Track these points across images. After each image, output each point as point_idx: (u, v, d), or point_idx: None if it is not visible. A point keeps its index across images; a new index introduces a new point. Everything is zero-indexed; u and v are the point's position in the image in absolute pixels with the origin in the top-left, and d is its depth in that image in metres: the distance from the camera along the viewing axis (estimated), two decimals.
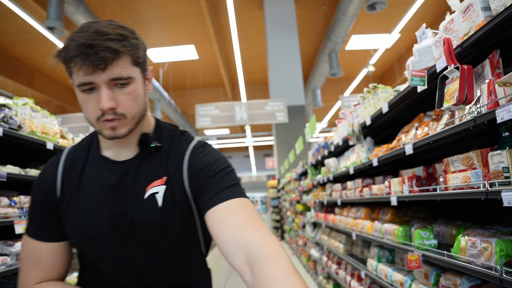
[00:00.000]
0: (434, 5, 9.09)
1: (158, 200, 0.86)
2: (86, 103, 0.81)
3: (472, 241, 1.41)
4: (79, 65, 0.75)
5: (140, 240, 0.87)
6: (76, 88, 0.80)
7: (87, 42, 0.74)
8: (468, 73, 1.33)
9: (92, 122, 0.83)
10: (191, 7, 9.19)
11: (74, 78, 0.79)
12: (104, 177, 0.89)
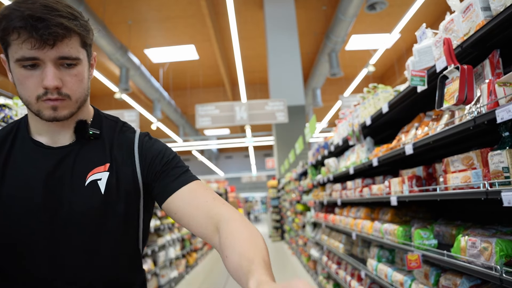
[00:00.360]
0: (434, 5, 9.09)
1: (100, 187, 0.83)
2: (25, 80, 0.75)
3: (472, 241, 1.41)
4: (24, 37, 0.70)
5: (76, 231, 0.80)
6: (14, 63, 0.74)
7: (36, 14, 0.69)
8: (468, 73, 1.34)
9: (30, 101, 0.77)
10: (191, 7, 9.19)
11: (12, 51, 0.73)
12: (38, 163, 0.82)
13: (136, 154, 0.89)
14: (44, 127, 0.85)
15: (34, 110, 0.79)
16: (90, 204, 0.81)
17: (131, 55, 9.57)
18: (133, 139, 0.92)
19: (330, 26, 9.33)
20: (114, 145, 0.89)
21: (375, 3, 6.78)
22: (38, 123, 0.84)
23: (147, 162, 0.89)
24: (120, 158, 0.88)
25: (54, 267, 0.79)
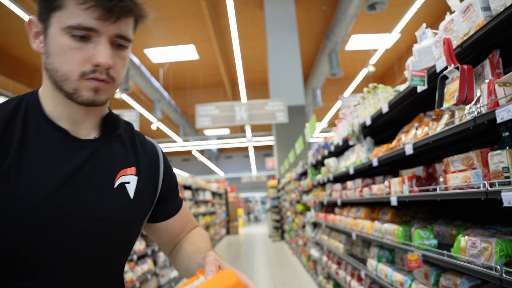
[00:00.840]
0: (434, 5, 9.09)
1: (129, 191, 0.75)
2: (71, 51, 0.65)
3: (472, 241, 1.41)
4: (90, 3, 0.63)
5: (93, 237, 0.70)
6: (60, 29, 0.64)
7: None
8: (468, 73, 1.34)
9: (69, 76, 0.66)
10: (191, 7, 9.19)
11: (64, 16, 0.64)
12: (62, 155, 0.69)
13: (161, 167, 0.86)
14: (67, 111, 0.71)
15: (70, 88, 0.67)
16: (117, 208, 0.73)
17: (131, 55, 9.57)
18: (156, 150, 0.87)
19: (330, 26, 9.33)
20: (136, 148, 0.82)
21: (375, 3, 6.78)
22: (61, 106, 0.71)
23: (167, 180, 0.89)
24: (144, 165, 0.81)
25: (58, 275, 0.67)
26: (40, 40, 0.69)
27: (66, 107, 0.71)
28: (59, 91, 0.69)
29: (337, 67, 9.79)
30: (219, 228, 12.22)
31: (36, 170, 0.65)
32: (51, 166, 0.67)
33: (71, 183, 0.68)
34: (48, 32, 0.67)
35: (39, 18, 0.68)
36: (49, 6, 0.65)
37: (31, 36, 0.70)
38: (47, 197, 0.65)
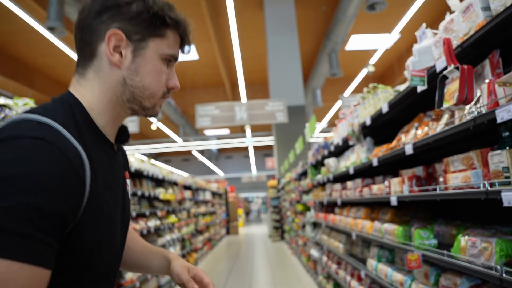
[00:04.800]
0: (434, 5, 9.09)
1: (129, 192, 0.85)
2: (161, 74, 0.75)
3: (472, 241, 1.41)
4: (179, 40, 0.78)
5: (125, 234, 0.81)
6: (159, 54, 0.74)
7: (190, 32, 0.79)
8: (468, 73, 1.34)
9: (155, 93, 0.75)
10: (191, 7, 9.19)
11: (164, 44, 0.74)
12: (114, 170, 0.74)
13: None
14: (115, 125, 0.77)
15: (150, 103, 0.76)
16: (128, 217, 0.84)
17: None
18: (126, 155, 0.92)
19: (330, 26, 9.33)
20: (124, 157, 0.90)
21: (375, 3, 6.78)
22: (113, 120, 0.75)
23: None
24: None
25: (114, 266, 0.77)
26: (123, 54, 0.72)
27: (116, 121, 0.77)
28: (129, 103, 0.74)
29: (337, 67, 9.79)
30: (219, 228, 12.22)
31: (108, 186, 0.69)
32: (113, 182, 0.73)
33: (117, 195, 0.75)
34: (142, 53, 0.73)
35: (129, 36, 0.71)
36: (151, 31, 0.73)
37: (110, 47, 0.71)
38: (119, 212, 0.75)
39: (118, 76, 0.72)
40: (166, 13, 0.73)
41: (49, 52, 10.28)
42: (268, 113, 8.37)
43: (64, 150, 0.57)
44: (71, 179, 0.57)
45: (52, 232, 0.53)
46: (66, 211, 0.56)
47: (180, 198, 6.67)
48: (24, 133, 0.55)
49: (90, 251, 0.63)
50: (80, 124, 0.66)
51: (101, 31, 0.70)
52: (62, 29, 6.39)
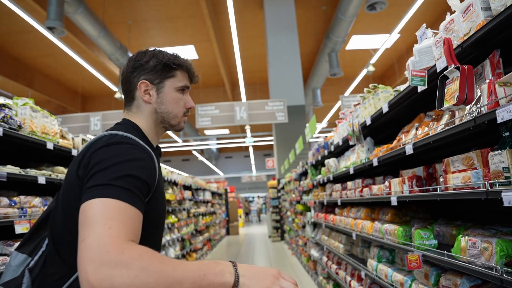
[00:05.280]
0: (434, 5, 9.10)
1: None
2: (179, 101, 1.14)
3: (473, 241, 1.41)
4: (187, 76, 1.16)
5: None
6: (173, 88, 1.12)
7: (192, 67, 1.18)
8: (468, 73, 1.33)
9: (178, 115, 1.14)
10: (191, 7, 9.19)
11: (176, 81, 1.13)
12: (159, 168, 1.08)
13: None
14: (156, 139, 1.17)
15: (176, 122, 1.15)
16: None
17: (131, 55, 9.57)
18: None
19: (330, 26, 9.33)
20: None
21: (375, 3, 6.78)
22: (155, 136, 1.15)
23: None
24: None
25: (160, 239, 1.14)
26: (151, 94, 1.11)
27: (157, 137, 1.17)
28: (162, 124, 1.14)
29: (337, 67, 9.79)
30: (219, 228, 12.21)
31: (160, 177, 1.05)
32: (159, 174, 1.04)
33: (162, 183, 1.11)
34: (163, 90, 1.11)
35: (151, 82, 1.10)
36: (165, 75, 1.11)
37: (141, 92, 1.10)
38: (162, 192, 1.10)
39: (151, 108, 1.12)
40: (172, 61, 1.11)
41: (49, 52, 10.27)
42: (268, 113, 8.37)
43: (145, 149, 0.97)
44: (153, 164, 0.97)
45: (143, 193, 0.89)
46: (150, 183, 0.93)
47: (180, 198, 6.67)
48: (121, 141, 0.94)
49: (155, 218, 1.02)
50: (140, 137, 1.03)
51: (135, 83, 1.11)
52: (62, 29, 6.39)
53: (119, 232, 0.76)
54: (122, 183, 0.84)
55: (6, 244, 2.21)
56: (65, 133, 3.03)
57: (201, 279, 0.75)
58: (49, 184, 2.65)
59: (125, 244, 0.74)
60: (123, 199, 0.82)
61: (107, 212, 0.78)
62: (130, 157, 0.90)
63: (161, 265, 0.73)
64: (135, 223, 0.82)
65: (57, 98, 12.67)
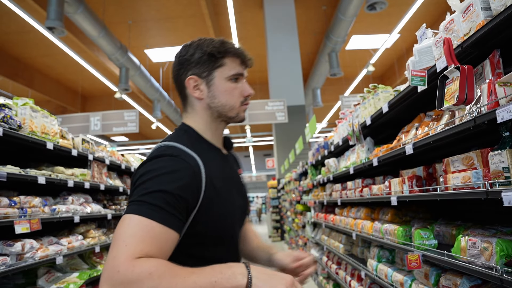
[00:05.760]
0: (434, 5, 9.09)
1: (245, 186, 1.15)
2: (233, 90, 1.04)
3: (473, 241, 1.41)
4: (238, 61, 1.05)
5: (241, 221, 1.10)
6: (224, 79, 1.03)
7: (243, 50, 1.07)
8: (468, 73, 1.33)
9: (234, 105, 1.05)
10: (191, 7, 9.19)
11: (226, 70, 1.03)
12: (224, 168, 1.04)
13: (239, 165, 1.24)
14: (217, 135, 1.09)
15: (234, 113, 1.06)
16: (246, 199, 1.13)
17: (131, 55, 9.57)
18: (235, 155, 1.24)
19: (330, 26, 9.33)
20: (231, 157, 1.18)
21: (375, 3, 6.78)
22: (215, 132, 1.08)
23: None
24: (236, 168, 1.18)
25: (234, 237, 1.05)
26: (201, 89, 1.04)
27: (217, 133, 1.09)
28: (219, 118, 1.06)
29: (337, 67, 9.78)
30: None
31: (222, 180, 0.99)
32: (224, 176, 1.01)
33: (233, 186, 1.06)
34: (213, 83, 1.03)
35: (199, 76, 1.03)
36: (212, 66, 1.02)
37: (191, 89, 1.04)
38: (233, 197, 1.02)
39: (204, 104, 1.05)
40: (217, 49, 1.01)
41: (49, 52, 10.28)
42: (268, 113, 8.37)
43: (183, 158, 0.91)
44: (189, 174, 0.89)
45: (177, 208, 0.85)
46: (186, 196, 0.87)
47: None
48: (162, 153, 0.92)
49: (214, 222, 0.95)
50: (193, 140, 1.01)
51: (183, 80, 1.04)
52: (62, 29, 6.39)
53: (135, 250, 0.76)
54: (152, 199, 0.82)
55: (6, 244, 2.21)
56: (65, 133, 3.03)
57: (212, 286, 0.75)
58: (49, 184, 2.65)
59: (135, 262, 0.74)
60: (148, 216, 0.80)
61: (129, 230, 0.79)
62: (165, 170, 0.87)
63: (172, 280, 0.74)
64: (159, 240, 0.80)
65: (57, 98, 12.67)
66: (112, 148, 4.55)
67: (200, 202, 0.91)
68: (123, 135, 17.47)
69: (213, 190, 0.93)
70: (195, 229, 0.92)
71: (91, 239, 3.19)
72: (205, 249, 0.96)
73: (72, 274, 2.83)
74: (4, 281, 2.49)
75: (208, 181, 0.93)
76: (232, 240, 1.04)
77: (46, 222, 2.53)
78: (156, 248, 0.80)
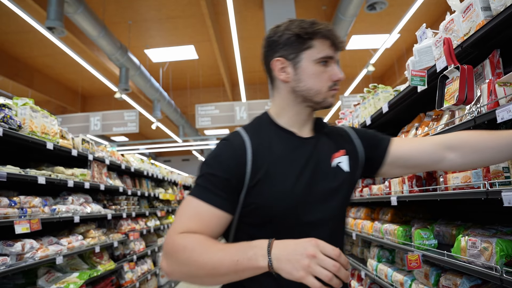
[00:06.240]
0: (434, 5, 9.10)
1: (344, 167, 1.04)
2: (321, 74, 0.98)
3: (473, 241, 1.41)
4: (328, 43, 0.98)
5: (325, 204, 0.98)
6: (312, 61, 0.97)
7: (334, 32, 0.99)
8: (468, 73, 1.33)
9: (321, 90, 0.99)
10: (191, 7, 9.20)
11: (314, 52, 0.97)
12: (297, 150, 1.00)
13: (354, 139, 1.13)
14: (296, 120, 1.04)
15: (320, 98, 1.00)
16: (337, 181, 1.01)
17: (131, 55, 9.57)
18: (345, 130, 1.15)
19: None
20: (336, 137, 1.10)
21: (375, 3, 6.78)
22: (293, 117, 1.04)
23: (364, 139, 1.13)
24: (346, 145, 1.09)
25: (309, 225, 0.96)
26: (287, 72, 1.00)
27: (296, 116, 1.04)
28: (304, 103, 1.02)
29: None
30: None
31: (282, 161, 0.96)
32: (290, 158, 0.97)
33: (306, 168, 0.97)
34: (300, 65, 0.98)
35: (286, 58, 0.99)
36: (300, 48, 0.98)
37: (277, 71, 1.01)
38: (294, 180, 0.95)
39: (289, 88, 1.01)
40: (305, 30, 0.96)
41: (49, 52, 10.28)
42: None
43: (233, 142, 0.96)
44: (231, 156, 0.93)
45: (223, 188, 0.90)
46: (228, 176, 0.91)
47: (180, 198, 6.67)
48: (222, 139, 1.00)
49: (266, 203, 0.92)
50: (261, 124, 1.04)
51: (270, 62, 1.02)
52: (61, 29, 6.39)
53: (180, 225, 0.88)
54: (201, 181, 0.93)
55: (6, 244, 2.21)
56: (65, 133, 3.03)
57: (235, 265, 0.77)
58: (49, 184, 2.65)
59: (177, 236, 0.85)
60: (196, 196, 0.91)
61: (182, 208, 0.92)
62: (213, 154, 0.96)
63: (201, 255, 0.80)
64: (203, 218, 0.89)
65: (57, 98, 12.67)
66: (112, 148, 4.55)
67: (248, 183, 0.93)
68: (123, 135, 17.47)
69: (263, 172, 0.93)
70: (249, 209, 0.94)
71: (91, 239, 3.19)
72: (264, 231, 0.94)
73: (72, 274, 2.83)
74: (4, 281, 2.49)
75: (255, 163, 0.93)
76: (299, 225, 0.96)
77: (46, 222, 2.53)
78: (201, 225, 0.88)
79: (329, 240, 0.79)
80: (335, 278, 0.71)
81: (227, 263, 0.77)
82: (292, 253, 0.74)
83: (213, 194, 0.90)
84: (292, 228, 0.94)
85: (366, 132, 1.17)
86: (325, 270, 0.70)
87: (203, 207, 0.89)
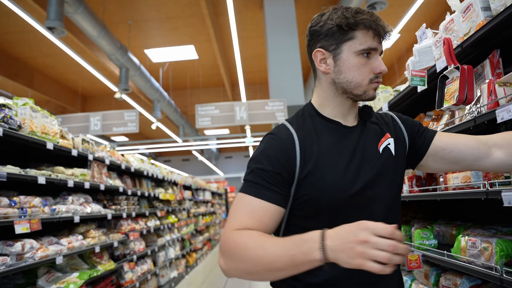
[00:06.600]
0: (434, 5, 9.10)
1: (391, 150, 1.03)
2: (362, 66, 0.96)
3: (472, 241, 1.41)
4: (371, 34, 0.94)
5: (376, 188, 0.97)
6: (353, 53, 0.95)
7: (379, 21, 0.94)
8: (468, 73, 1.33)
9: (362, 83, 0.96)
10: (191, 7, 9.20)
11: (356, 43, 0.94)
12: (344, 140, 0.99)
13: (400, 124, 1.11)
14: (339, 110, 1.03)
15: (360, 91, 0.98)
16: (386, 165, 1.00)
17: (131, 55, 9.57)
18: (391, 116, 1.14)
19: None
20: (382, 122, 1.09)
21: (375, 3, 6.79)
22: (336, 108, 1.03)
23: (409, 127, 1.11)
24: (392, 130, 1.08)
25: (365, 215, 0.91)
26: (328, 63, 0.99)
27: (339, 107, 1.03)
28: (344, 94, 1.00)
29: None
30: (219, 228, 12.21)
31: (330, 152, 0.96)
32: (338, 148, 0.97)
33: (354, 156, 0.97)
34: (340, 57, 0.97)
35: (326, 49, 0.98)
36: (341, 39, 0.96)
37: (317, 62, 1.01)
38: (344, 169, 0.94)
39: (329, 79, 1.01)
40: (347, 21, 0.93)
41: (49, 52, 10.28)
42: (268, 113, 8.37)
43: (279, 135, 0.97)
44: (279, 150, 0.94)
45: (273, 182, 0.91)
46: (278, 170, 0.92)
47: (180, 198, 6.68)
48: (267, 133, 1.01)
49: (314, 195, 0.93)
50: (306, 116, 1.03)
51: (312, 53, 1.03)
52: (61, 29, 6.39)
53: (235, 223, 0.89)
54: (251, 177, 0.94)
55: (6, 244, 2.21)
56: (65, 133, 3.03)
57: (291, 259, 0.77)
58: (49, 184, 2.65)
59: (232, 233, 0.87)
60: (248, 192, 0.92)
61: (235, 206, 0.94)
62: (261, 149, 0.97)
63: (255, 250, 0.81)
64: (257, 213, 0.90)
65: (57, 98, 12.67)
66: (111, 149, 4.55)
67: (298, 176, 0.93)
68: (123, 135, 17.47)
69: (312, 164, 0.93)
70: (300, 201, 0.94)
71: (91, 239, 3.19)
72: (317, 222, 0.93)
73: (72, 274, 2.83)
74: (4, 281, 2.49)
75: (304, 156, 0.94)
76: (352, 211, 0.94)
77: (46, 222, 2.53)
78: (255, 221, 0.89)
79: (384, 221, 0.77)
80: (394, 255, 0.68)
81: (284, 258, 0.77)
82: (345, 241, 0.72)
83: (265, 189, 0.91)
84: (346, 215, 0.93)
85: (410, 120, 1.15)
86: (382, 251, 0.68)
87: (256, 202, 0.90)
